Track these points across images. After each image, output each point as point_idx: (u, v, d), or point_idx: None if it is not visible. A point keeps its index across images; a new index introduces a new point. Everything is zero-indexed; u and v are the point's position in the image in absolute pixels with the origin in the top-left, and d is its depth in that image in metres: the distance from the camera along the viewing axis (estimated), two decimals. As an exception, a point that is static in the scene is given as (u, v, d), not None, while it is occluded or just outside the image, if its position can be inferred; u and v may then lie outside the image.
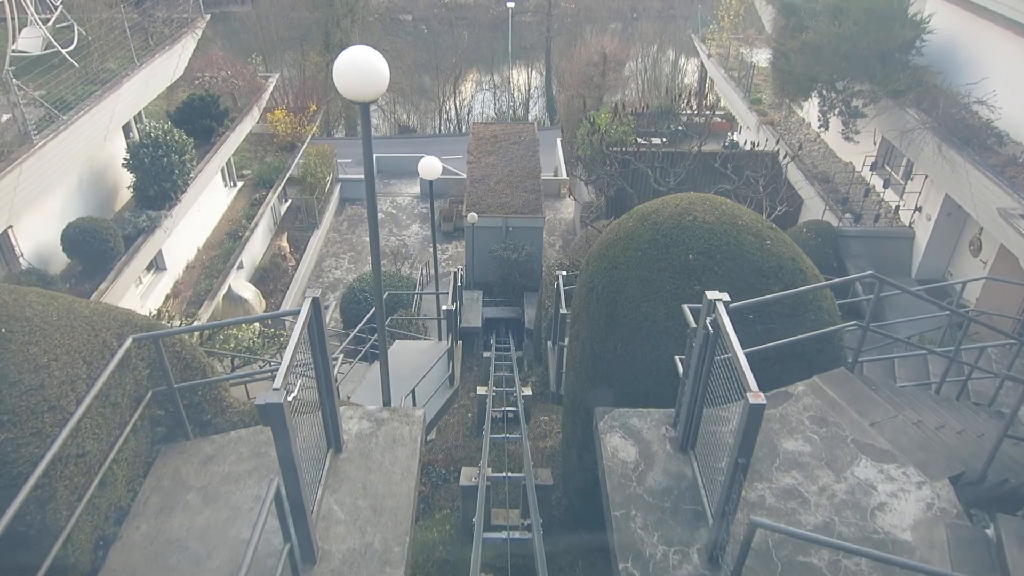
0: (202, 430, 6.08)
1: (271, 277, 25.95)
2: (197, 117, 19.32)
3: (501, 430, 12.92)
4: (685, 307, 5.31)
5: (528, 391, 14.15)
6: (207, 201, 21.81)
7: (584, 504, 7.86)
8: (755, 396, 3.85)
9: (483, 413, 13.87)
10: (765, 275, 6.58)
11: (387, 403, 6.00)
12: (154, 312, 15.08)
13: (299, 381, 4.69)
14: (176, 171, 16.36)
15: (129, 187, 16.67)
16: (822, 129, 16.95)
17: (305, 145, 27.74)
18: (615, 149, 19.46)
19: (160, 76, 17.17)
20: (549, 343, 11.66)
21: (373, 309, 12.28)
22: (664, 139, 24.54)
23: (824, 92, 15.67)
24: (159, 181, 16.18)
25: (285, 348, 12.50)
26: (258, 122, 27.81)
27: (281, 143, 27.19)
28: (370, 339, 17.92)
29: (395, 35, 56.00)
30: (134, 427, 5.37)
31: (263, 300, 23.80)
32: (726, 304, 4.66)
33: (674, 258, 6.66)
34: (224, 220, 23.26)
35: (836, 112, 15.76)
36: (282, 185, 25.09)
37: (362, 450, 5.54)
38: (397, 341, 11.85)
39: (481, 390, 14.18)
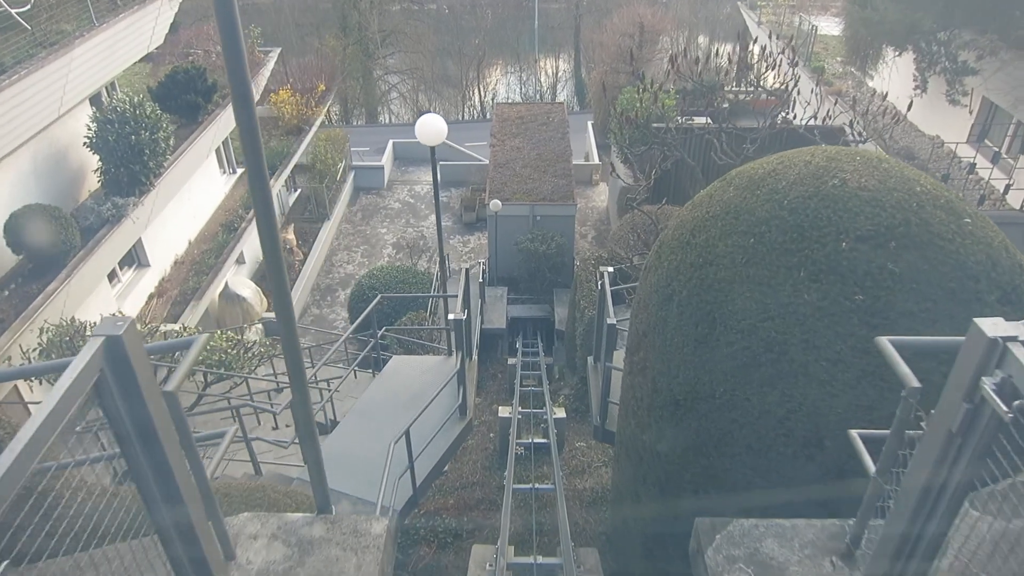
0: None
1: (275, 273, 23.65)
2: (180, 92, 16.97)
3: (527, 469, 10.35)
4: (888, 348, 2.63)
5: (561, 412, 11.57)
6: (198, 189, 19.52)
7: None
8: None
9: (505, 442, 11.33)
10: (974, 277, 3.87)
11: (323, 507, 3.43)
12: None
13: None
14: (147, 151, 13.99)
15: (96, 171, 14.36)
16: (918, 92, 14.07)
17: (314, 129, 25.32)
18: (658, 125, 16.71)
19: (130, 43, 14.81)
20: (590, 359, 9.01)
21: (374, 302, 9.75)
22: (707, 119, 21.76)
23: (924, 45, 12.75)
24: (127, 163, 13.83)
25: (261, 363, 9.82)
26: (263, 104, 25.58)
27: (287, 127, 24.81)
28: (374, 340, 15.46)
29: (416, 19, 53.45)
30: None
31: (264, 298, 21.50)
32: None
33: (814, 248, 3.99)
34: (221, 210, 20.96)
35: (937, 70, 12.83)
36: (286, 172, 22.72)
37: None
38: (395, 357, 9.34)
39: (504, 411, 11.65)
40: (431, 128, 8.37)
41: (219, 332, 11.75)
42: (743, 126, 15.57)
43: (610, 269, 8.12)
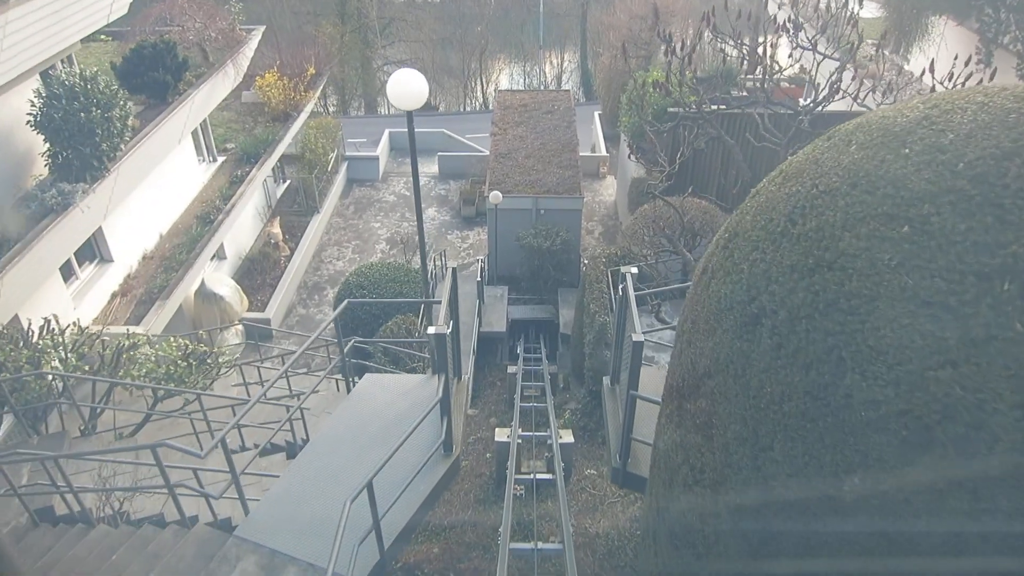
0: None
1: (259, 269, 22.02)
2: (147, 69, 15.29)
3: (527, 504, 8.69)
4: None
5: (568, 436, 9.91)
6: (171, 177, 17.85)
7: None
8: None
9: (503, 469, 9.68)
10: None
11: None
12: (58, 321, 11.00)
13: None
14: (100, 131, 12.32)
15: (43, 154, 12.68)
16: (980, 67, 12.30)
17: (303, 116, 23.62)
18: (676, 109, 14.97)
19: (84, 9, 13.11)
20: (605, 380, 7.32)
21: (339, 309, 8.07)
22: (722, 107, 20.03)
23: (991, 12, 11.01)
24: (76, 144, 12.16)
25: (222, 375, 8.15)
26: (248, 89, 23.91)
27: (273, 113, 23.12)
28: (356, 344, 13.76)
29: (418, 8, 51.63)
30: None
31: (245, 297, 19.84)
32: None
33: (1029, 242, 2.29)
34: (198, 201, 19.29)
35: (1006, 41, 11.08)
36: (270, 160, 21.02)
37: None
38: (367, 376, 7.64)
39: (502, 434, 9.98)
40: (407, 88, 6.61)
41: (171, 339, 10.08)
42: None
43: (633, 270, 6.41)
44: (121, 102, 12.88)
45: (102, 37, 20.94)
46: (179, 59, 15.91)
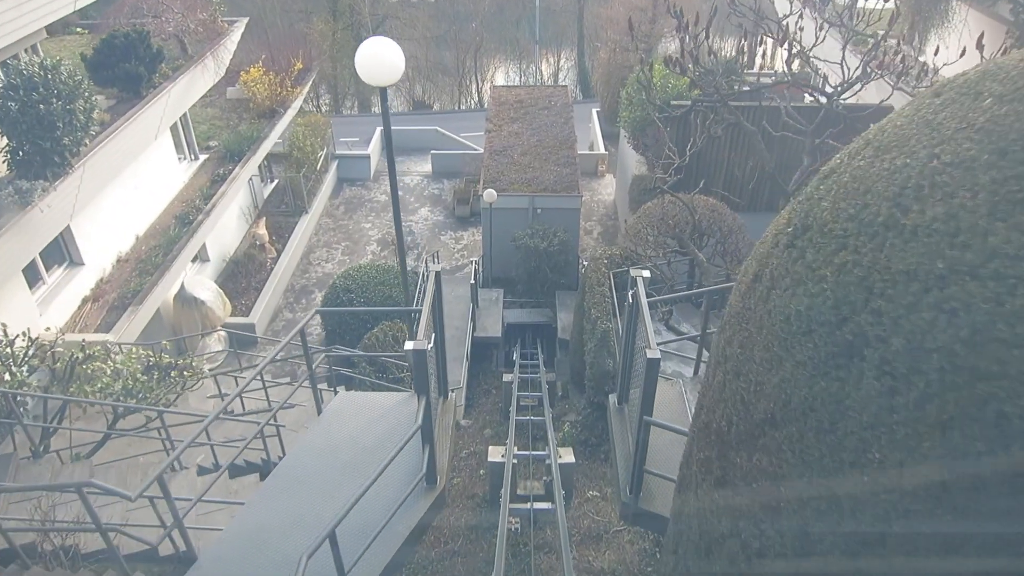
0: None
1: (244, 272, 21.09)
2: (118, 61, 14.35)
3: (523, 531, 7.81)
4: None
5: (568, 456, 9.03)
6: (148, 175, 16.93)
7: None
8: None
9: (497, 492, 8.83)
10: None
11: None
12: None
13: None
14: (61, 124, 11.40)
15: (2, 149, 11.76)
16: (1016, 43, 11.44)
17: (290, 112, 22.69)
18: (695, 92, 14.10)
19: (46, -7, 12.21)
20: (612, 399, 6.43)
21: (305, 319, 7.13)
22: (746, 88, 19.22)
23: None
24: (34, 138, 11.25)
25: (186, 389, 7.22)
26: (235, 86, 22.99)
27: (260, 109, 22.19)
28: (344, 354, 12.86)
29: (411, 6, 50.65)
30: None
31: (227, 301, 18.92)
32: None
33: None
34: (178, 201, 18.36)
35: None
36: (255, 158, 20.10)
37: None
38: (341, 394, 6.72)
39: (495, 454, 9.11)
40: (379, 60, 5.62)
41: (132, 350, 9.17)
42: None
43: (645, 273, 5.52)
44: (86, 93, 11.96)
45: (78, 30, 20.05)
46: (153, 50, 14.98)
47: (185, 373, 9.15)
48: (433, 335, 5.59)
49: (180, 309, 17.82)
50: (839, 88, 9.77)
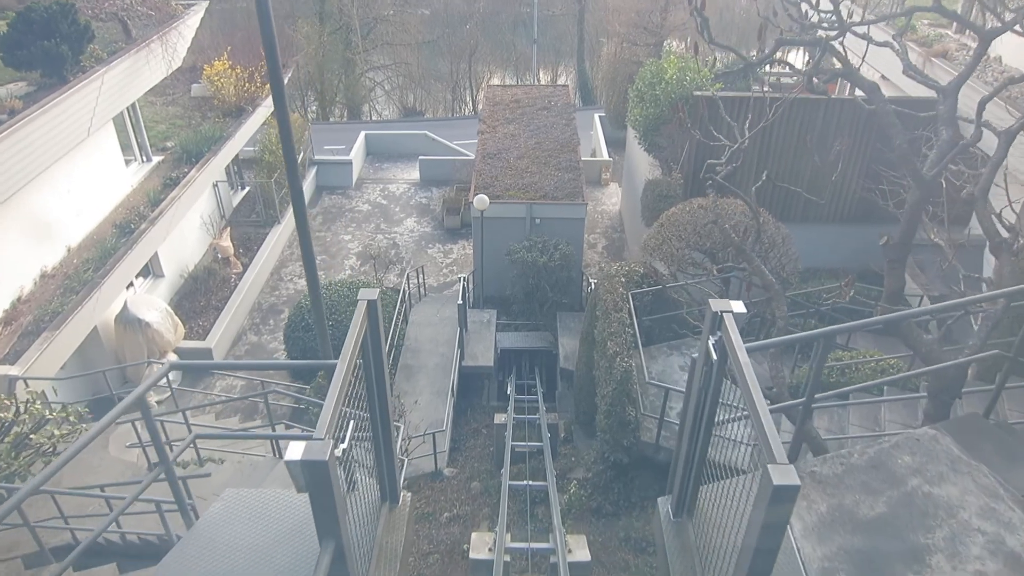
0: None
1: (204, 289, 18.66)
2: (37, 38, 12.00)
3: None
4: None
5: (583, 552, 6.56)
6: (84, 178, 14.54)
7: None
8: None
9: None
10: None
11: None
12: None
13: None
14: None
15: None
16: None
17: (259, 111, 20.34)
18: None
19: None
20: (662, 503, 3.96)
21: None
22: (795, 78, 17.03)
23: None
24: (-100, 123, 8.88)
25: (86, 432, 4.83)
26: (199, 83, 20.64)
27: (226, 107, 19.85)
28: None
29: (401, 8, 48.46)
30: None
31: (180, 322, 16.44)
32: None
33: None
34: (123, 208, 15.97)
35: None
36: (216, 160, 17.72)
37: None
38: (228, 492, 4.13)
39: (480, 548, 6.67)
40: None
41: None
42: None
43: (737, 307, 3.13)
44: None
45: (9, 13, 17.68)
46: (80, 25, 12.61)
47: (57, 432, 6.66)
48: (367, 415, 3.18)
49: (123, 332, 15.36)
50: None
